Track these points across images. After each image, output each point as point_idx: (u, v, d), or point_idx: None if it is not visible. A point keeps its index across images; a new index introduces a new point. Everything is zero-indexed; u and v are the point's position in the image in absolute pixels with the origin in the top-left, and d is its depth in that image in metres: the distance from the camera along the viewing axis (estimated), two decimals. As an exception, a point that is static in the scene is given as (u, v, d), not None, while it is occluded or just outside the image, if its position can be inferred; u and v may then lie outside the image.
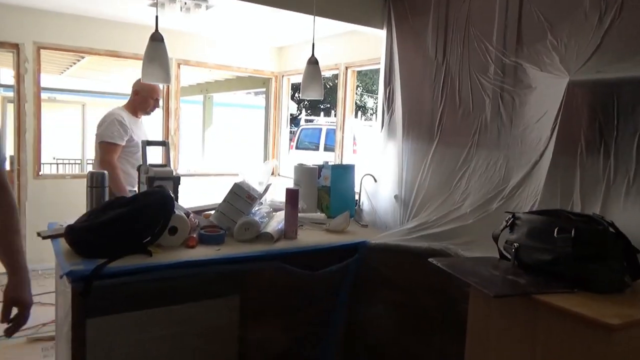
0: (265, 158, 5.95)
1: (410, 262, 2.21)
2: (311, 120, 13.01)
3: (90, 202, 2.18)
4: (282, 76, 5.73)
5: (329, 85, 22.12)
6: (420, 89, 2.73)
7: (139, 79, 2.87)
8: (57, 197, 4.62)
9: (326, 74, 5.49)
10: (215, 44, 5.29)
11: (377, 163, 2.93)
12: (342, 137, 4.76)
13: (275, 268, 2.05)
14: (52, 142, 9.55)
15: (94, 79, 9.27)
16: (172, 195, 1.97)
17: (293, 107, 13.88)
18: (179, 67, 5.11)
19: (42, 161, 6.15)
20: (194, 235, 2.07)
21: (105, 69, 7.35)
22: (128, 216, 1.81)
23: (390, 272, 2.27)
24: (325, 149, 12.11)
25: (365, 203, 2.92)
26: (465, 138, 2.45)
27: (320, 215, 2.70)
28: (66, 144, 10.12)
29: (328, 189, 2.88)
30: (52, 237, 2.06)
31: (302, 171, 2.87)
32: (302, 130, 12.69)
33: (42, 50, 4.43)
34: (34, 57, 4.33)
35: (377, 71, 4.74)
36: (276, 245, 2.15)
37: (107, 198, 2.21)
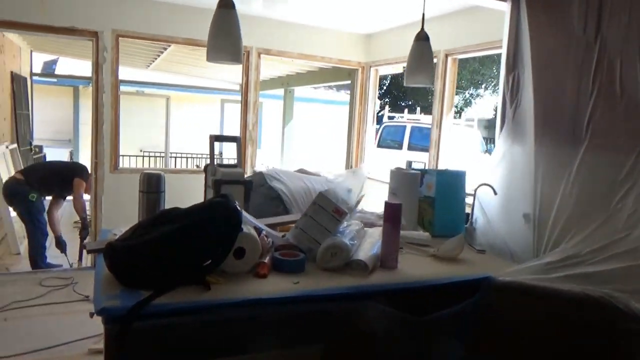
0: (349, 157, 5.45)
1: (556, 312, 1.60)
2: (393, 117, 12.33)
3: (142, 210, 1.79)
4: (370, 67, 5.19)
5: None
6: (561, 77, 2.08)
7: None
8: (134, 192, 4.42)
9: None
10: (298, 32, 4.86)
11: (496, 171, 2.31)
12: (439, 136, 4.14)
13: (370, 310, 1.53)
14: (139, 134, 9.78)
15: (180, 73, 9.29)
16: (239, 206, 1.51)
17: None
18: (259, 56, 4.74)
19: (129, 153, 6.07)
20: (266, 260, 1.60)
21: (190, 61, 7.23)
22: (181, 235, 1.38)
23: (525, 323, 1.66)
24: (410, 148, 11.41)
25: (479, 220, 2.31)
26: (629, 141, 1.79)
27: (422, 234, 2.14)
28: (152, 136, 10.31)
29: (432, 201, 2.31)
30: (98, 251, 1.69)
31: (401, 177, 2.32)
32: (384, 127, 12.07)
33: (125, 42, 4.24)
34: (113, 46, 4.15)
35: (467, 61, 4.10)
36: (372, 278, 1.63)
37: (163, 206, 1.81)
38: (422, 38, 2.21)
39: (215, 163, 2.10)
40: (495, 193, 2.22)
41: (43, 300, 3.60)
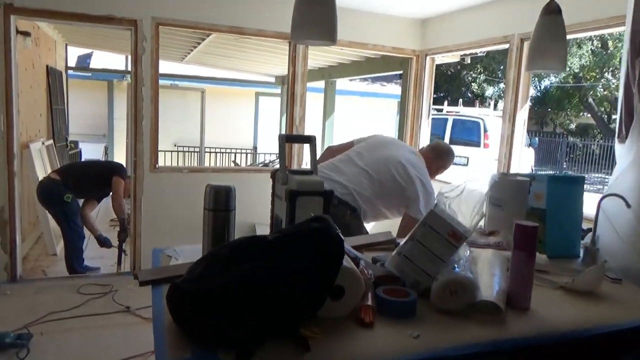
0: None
1: None
2: (440, 110, 11.77)
3: (207, 233, 1.44)
4: (426, 55, 4.75)
5: (450, 71, 20.47)
6: None
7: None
8: (175, 193, 4.15)
9: (484, 50, 4.43)
10: (348, 18, 4.45)
11: (626, 177, 1.88)
12: (512, 132, 3.68)
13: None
14: (173, 129, 9.57)
15: (215, 66, 9.02)
16: (339, 234, 1.14)
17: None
18: (307, 46, 4.36)
19: (162, 148, 5.79)
20: (369, 302, 1.23)
21: (227, 52, 6.92)
22: (272, 275, 1.02)
23: None
24: (451, 142, 10.87)
25: (604, 238, 1.88)
26: None
27: (539, 257, 1.72)
28: (186, 130, 10.10)
29: (542, 214, 1.89)
30: (154, 282, 1.36)
31: (505, 185, 1.91)
32: (424, 120, 11.56)
33: (161, 33, 3.93)
34: (152, 35, 3.84)
35: (506, 52, 3.64)
36: (508, 327, 1.24)
37: (234, 226, 1.46)
38: (554, 11, 1.78)
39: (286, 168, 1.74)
40: (629, 205, 1.79)
41: (81, 311, 3.34)
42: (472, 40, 4.10)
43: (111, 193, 4.34)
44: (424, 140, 4.91)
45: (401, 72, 5.19)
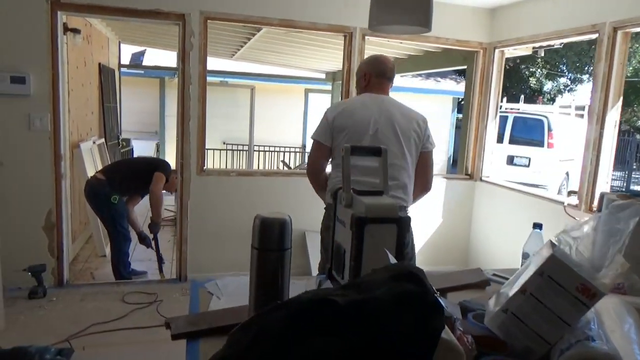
0: (464, 158, 4.61)
1: None
2: (500, 107, 11.11)
3: (256, 282, 1.15)
4: (494, 48, 4.30)
5: (508, 65, 19.42)
6: None
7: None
8: (223, 198, 3.94)
9: (566, 41, 3.94)
10: (410, 8, 4.08)
11: None
12: (600, 134, 3.21)
13: None
14: (222, 127, 9.49)
15: (264, 62, 8.84)
16: (438, 299, 0.82)
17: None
18: (363, 38, 4.03)
19: (211, 146, 5.60)
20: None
21: (278, 48, 6.69)
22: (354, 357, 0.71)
23: None
24: (511, 142, 10.20)
25: None
26: None
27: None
28: (234, 129, 10.01)
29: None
30: (189, 336, 1.08)
31: (633, 212, 1.51)
32: (482, 117, 10.94)
33: (210, 29, 3.71)
34: (201, 30, 3.62)
35: (573, 44, 3.15)
36: None
37: (289, 270, 1.16)
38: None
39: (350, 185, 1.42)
40: None
41: (124, 323, 3.17)
42: (550, 30, 3.63)
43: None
44: (490, 142, 4.47)
45: (465, 67, 4.75)
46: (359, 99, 2.41)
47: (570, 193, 3.71)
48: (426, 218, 4.48)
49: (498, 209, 4.28)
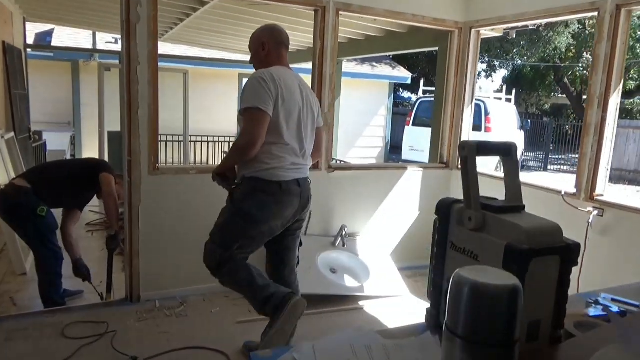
0: (438, 147, 4.32)
1: None
2: (433, 92, 11.13)
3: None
4: (471, 29, 4.02)
5: (435, 52, 19.70)
6: None
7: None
8: (180, 202, 3.32)
9: (558, 20, 3.73)
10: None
11: None
12: (602, 119, 3.02)
13: None
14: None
15: (198, 44, 8.05)
16: None
17: (405, 75, 12.06)
18: (337, 14, 3.57)
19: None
20: None
21: (217, 26, 6.00)
22: None
23: None
24: (450, 126, 10.29)
25: None
26: None
27: None
28: (166, 118, 9.09)
29: None
30: None
31: None
32: (420, 102, 10.91)
33: None
34: (150, -2, 2.96)
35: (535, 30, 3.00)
36: None
37: None
38: None
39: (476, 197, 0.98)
40: None
41: (72, 369, 2.51)
42: (539, 9, 3.40)
43: (100, 192, 3.43)
44: (466, 131, 4.22)
45: (435, 48, 4.45)
46: (280, 70, 2.34)
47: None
48: (403, 211, 4.16)
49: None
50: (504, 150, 1.04)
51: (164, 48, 8.59)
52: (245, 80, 9.55)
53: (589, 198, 3.10)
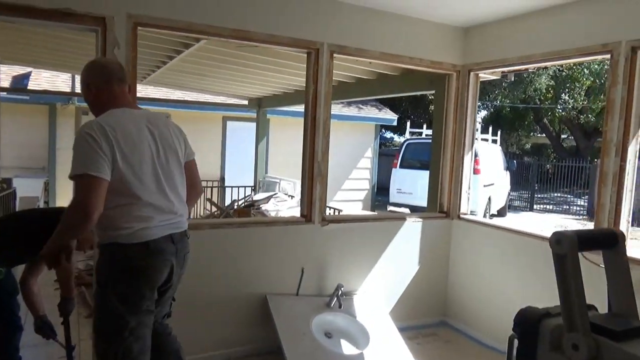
0: (437, 196, 4.06)
1: None
2: (419, 133, 11.04)
3: None
4: (469, 71, 3.84)
5: (417, 95, 19.94)
6: None
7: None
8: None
9: (567, 62, 3.56)
10: (378, 22, 3.50)
11: None
12: (621, 168, 2.79)
13: None
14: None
15: (182, 86, 7.82)
16: None
17: (392, 117, 11.99)
18: (332, 57, 3.35)
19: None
20: None
21: (201, 70, 5.78)
22: None
23: None
24: (439, 168, 10.11)
25: None
26: None
27: None
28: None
29: None
30: None
31: None
32: (407, 144, 10.76)
33: (140, 30, 2.78)
34: (129, 39, 2.69)
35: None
36: None
37: None
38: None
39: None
40: None
41: None
42: (546, 51, 3.23)
43: None
44: (467, 176, 3.98)
45: (432, 91, 4.27)
46: (115, 115, 2.00)
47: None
48: (402, 265, 3.84)
49: (480, 250, 3.77)
50: (609, 241, 0.75)
51: (144, 91, 8.36)
52: (229, 124, 9.32)
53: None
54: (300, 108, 8.88)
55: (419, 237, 3.91)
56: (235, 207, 6.14)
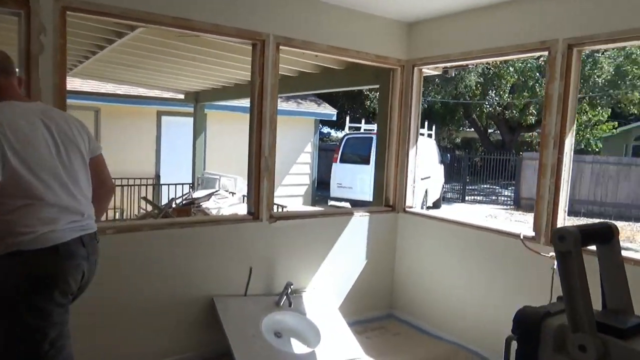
0: (382, 191, 4.08)
1: None
2: (358, 128, 11.14)
3: None
4: (413, 67, 3.88)
5: (354, 91, 20.17)
6: None
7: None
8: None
9: (506, 58, 3.68)
10: (327, 15, 3.45)
11: None
12: (559, 160, 2.92)
13: None
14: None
15: (112, 79, 7.38)
16: None
17: (331, 112, 12.02)
18: (278, 49, 3.25)
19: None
20: None
21: (136, 61, 5.46)
22: None
23: None
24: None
25: None
26: None
27: None
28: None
29: None
30: None
31: None
32: (347, 138, 10.85)
33: (69, 16, 2.54)
34: (57, 25, 2.45)
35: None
36: None
37: None
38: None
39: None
40: None
41: None
42: (486, 47, 3.32)
43: None
44: (412, 170, 4.03)
45: (376, 86, 4.28)
46: (4, 109, 1.81)
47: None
48: (350, 260, 3.83)
49: (427, 243, 3.83)
50: (606, 235, 0.73)
51: (72, 83, 7.80)
52: (165, 119, 8.92)
53: (549, 242, 2.97)
54: (239, 103, 8.72)
55: (366, 232, 3.91)
56: (174, 205, 5.89)
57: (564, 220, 2.99)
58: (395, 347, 3.57)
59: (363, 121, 11.92)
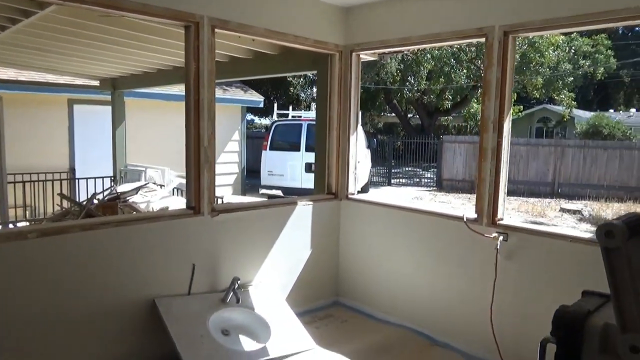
0: (325, 178, 4.02)
1: None
2: (286, 115, 10.98)
3: None
4: (351, 52, 3.84)
5: (311, 76, 19.81)
6: None
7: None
8: (17, 276, 2.44)
9: (444, 45, 3.71)
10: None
11: None
12: (498, 143, 3.02)
13: None
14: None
15: (18, 64, 6.63)
16: None
17: (258, 98, 11.74)
18: (213, 32, 3.05)
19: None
20: None
21: (41, 45, 4.93)
22: None
23: None
24: (307, 149, 10.21)
25: None
26: None
27: None
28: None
29: None
30: None
31: None
32: (275, 126, 10.68)
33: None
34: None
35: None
36: None
37: None
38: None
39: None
40: None
41: None
42: (425, 33, 3.34)
43: None
44: (354, 156, 4.01)
45: (314, 71, 4.19)
46: None
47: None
48: (295, 250, 3.76)
49: (370, 229, 3.85)
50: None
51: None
52: (77, 107, 8.25)
53: (492, 223, 3.07)
54: (162, 90, 8.25)
55: (310, 221, 3.85)
56: (96, 201, 5.44)
57: (504, 201, 3.11)
58: (345, 335, 3.56)
59: (291, 108, 11.80)
